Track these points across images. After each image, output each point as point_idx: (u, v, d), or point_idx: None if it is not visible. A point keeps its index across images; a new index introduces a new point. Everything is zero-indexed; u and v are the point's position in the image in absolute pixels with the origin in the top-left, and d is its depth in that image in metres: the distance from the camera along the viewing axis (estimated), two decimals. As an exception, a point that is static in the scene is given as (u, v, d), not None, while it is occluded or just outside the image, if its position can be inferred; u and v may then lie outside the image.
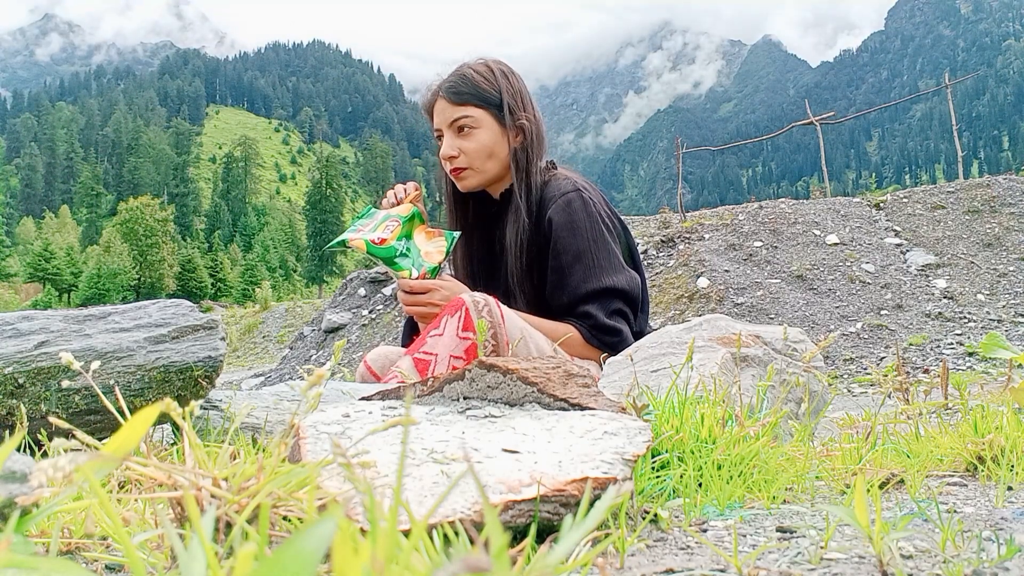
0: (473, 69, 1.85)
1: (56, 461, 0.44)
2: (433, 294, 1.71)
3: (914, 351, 6.35)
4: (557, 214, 1.76)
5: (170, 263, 63.49)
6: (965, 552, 0.63)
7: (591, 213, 1.77)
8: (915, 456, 1.10)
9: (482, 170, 1.84)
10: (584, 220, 1.76)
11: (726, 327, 1.52)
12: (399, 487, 0.37)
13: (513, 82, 1.85)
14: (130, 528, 0.61)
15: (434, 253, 1.78)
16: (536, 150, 1.85)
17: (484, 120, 1.81)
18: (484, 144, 1.81)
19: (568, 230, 1.75)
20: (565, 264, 1.75)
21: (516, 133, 1.84)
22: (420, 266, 1.74)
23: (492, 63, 1.88)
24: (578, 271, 1.74)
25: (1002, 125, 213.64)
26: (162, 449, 1.22)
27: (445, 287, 1.73)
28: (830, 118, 14.67)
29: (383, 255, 1.71)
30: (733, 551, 0.60)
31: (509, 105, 1.81)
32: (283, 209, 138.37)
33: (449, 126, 1.83)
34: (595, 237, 1.75)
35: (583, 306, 1.73)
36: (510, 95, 1.82)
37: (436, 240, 1.81)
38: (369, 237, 1.72)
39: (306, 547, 0.29)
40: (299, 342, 11.78)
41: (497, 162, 1.83)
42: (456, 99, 1.81)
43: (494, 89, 1.82)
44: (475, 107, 1.81)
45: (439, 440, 0.73)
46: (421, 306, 1.72)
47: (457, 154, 1.82)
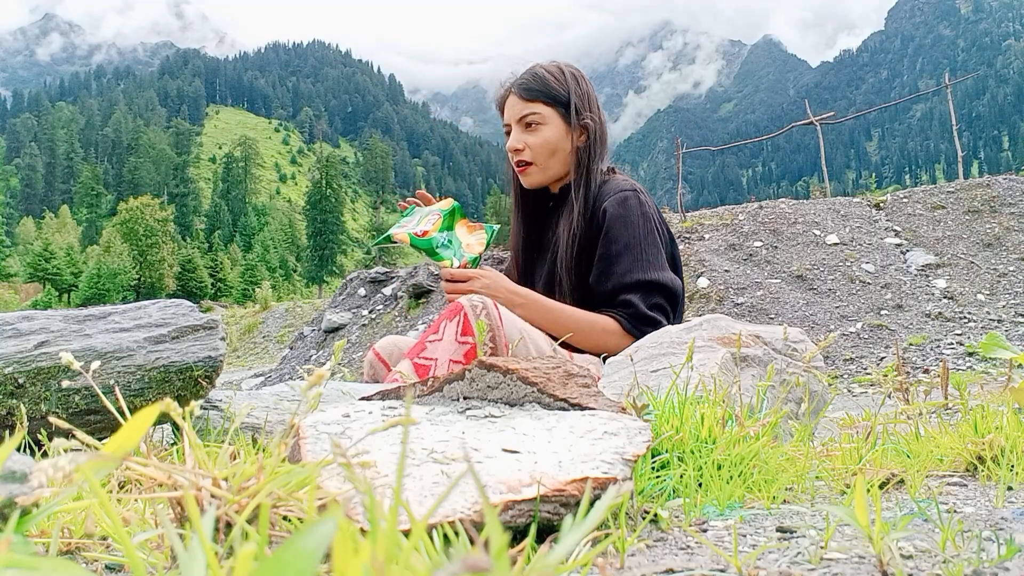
0: (545, 69, 1.93)
1: (56, 461, 0.44)
2: (474, 282, 1.78)
3: (914, 351, 6.35)
4: (612, 206, 1.83)
5: (170, 263, 63.46)
6: (965, 552, 0.63)
7: (645, 213, 1.83)
8: (915, 456, 1.10)
9: (544, 166, 1.91)
10: (637, 217, 1.82)
11: (726, 327, 1.52)
12: (399, 487, 0.37)
13: (581, 84, 1.93)
14: (130, 528, 0.61)
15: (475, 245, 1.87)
16: (598, 150, 1.91)
17: (551, 117, 1.89)
18: (548, 140, 1.89)
19: (620, 222, 1.81)
20: (613, 253, 1.80)
21: (580, 132, 1.91)
22: (461, 256, 1.83)
23: (564, 65, 1.96)
24: (625, 261, 1.79)
25: (1002, 125, 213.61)
26: (162, 449, 1.22)
27: (485, 275, 1.79)
28: (830, 118, 14.67)
29: (425, 246, 1.81)
30: (733, 551, 0.60)
31: (575, 105, 1.89)
32: (283, 209, 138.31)
33: (518, 121, 1.91)
34: (645, 234, 1.81)
35: (626, 295, 1.77)
36: (577, 96, 1.90)
37: (477, 233, 1.90)
38: (412, 230, 1.83)
39: (306, 547, 0.29)
40: (299, 342, 11.78)
41: (559, 159, 1.91)
42: (526, 95, 1.90)
43: (563, 89, 1.89)
44: (543, 104, 1.89)
45: (439, 440, 0.73)
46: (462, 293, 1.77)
47: (522, 147, 1.90)
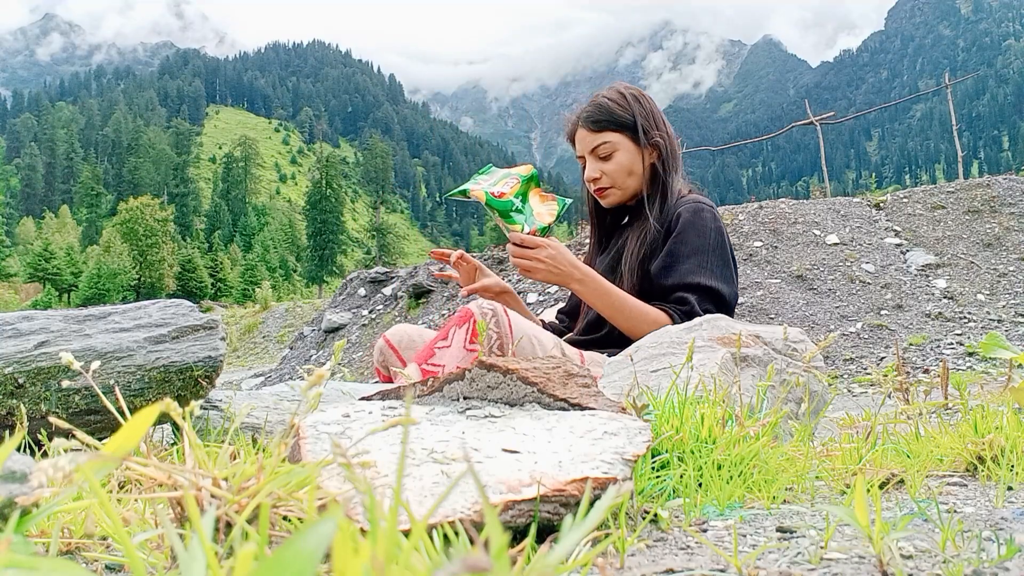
0: (607, 97, 2.00)
1: (56, 461, 0.44)
2: (540, 250, 1.81)
3: (914, 351, 6.35)
4: (687, 213, 1.88)
5: (170, 263, 63.42)
6: (965, 552, 0.63)
7: (718, 227, 1.90)
8: (915, 456, 1.10)
9: (623, 187, 1.98)
10: (710, 228, 1.88)
11: (726, 327, 1.52)
12: (399, 487, 0.37)
13: (644, 104, 2.00)
14: (130, 528, 0.61)
15: (545, 214, 1.89)
16: (671, 163, 1.99)
17: (621, 143, 1.96)
18: (623, 164, 1.96)
19: (693, 228, 1.87)
20: (682, 253, 1.85)
21: (651, 150, 1.98)
22: (532, 224, 1.86)
23: (624, 88, 2.03)
24: (692, 262, 1.83)
25: (1002, 125, 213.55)
26: (162, 449, 1.22)
27: (552, 245, 1.82)
28: (830, 118, 14.67)
29: (500, 207, 1.84)
30: (733, 551, 0.60)
31: (643, 126, 1.96)
32: (283, 209, 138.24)
33: (590, 152, 1.99)
34: (716, 245, 1.86)
35: (684, 293, 1.81)
36: (643, 117, 1.97)
37: (549, 203, 1.93)
38: (490, 190, 1.85)
39: (306, 547, 0.29)
40: (299, 342, 11.77)
41: (636, 178, 1.98)
42: (595, 127, 1.97)
43: (628, 114, 1.97)
44: (612, 132, 1.96)
45: (439, 440, 0.73)
46: (528, 260, 1.81)
47: (600, 176, 1.98)
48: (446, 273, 2.17)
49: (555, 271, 1.81)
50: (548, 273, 1.81)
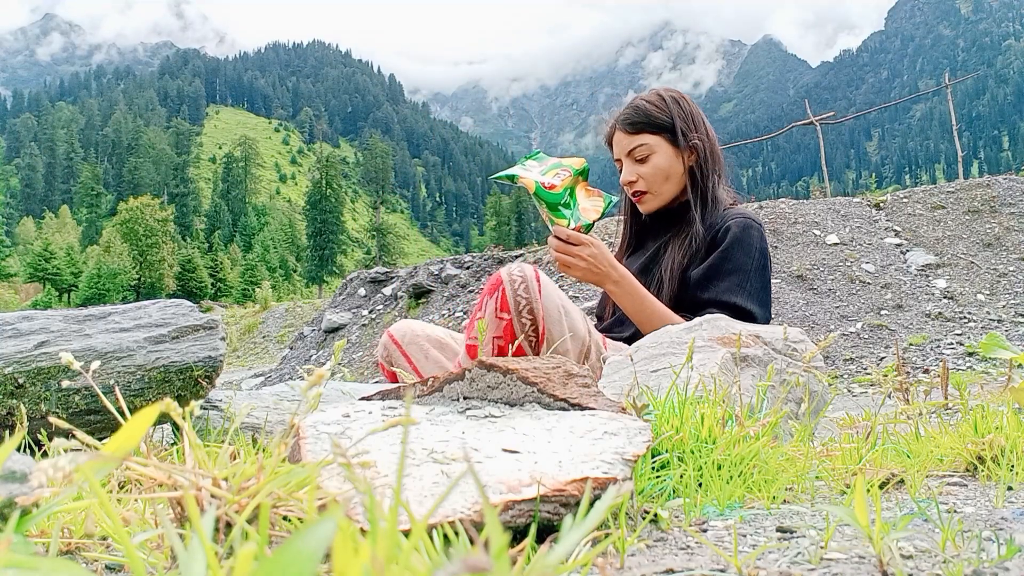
0: (645, 100, 1.97)
1: (56, 461, 0.44)
2: (583, 248, 1.78)
3: (914, 351, 6.35)
4: (736, 228, 1.85)
5: (170, 263, 63.41)
6: (965, 552, 0.63)
7: (764, 248, 1.86)
8: (915, 456, 1.10)
9: (659, 192, 1.95)
10: (755, 248, 1.84)
11: (726, 327, 1.52)
12: (399, 487, 0.37)
13: (684, 106, 1.96)
14: (130, 528, 0.61)
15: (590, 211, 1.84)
16: (711, 165, 1.95)
17: (659, 145, 1.93)
18: (660, 168, 1.93)
19: (740, 245, 1.83)
20: (724, 269, 1.82)
21: (690, 153, 1.94)
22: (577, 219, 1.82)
23: (663, 91, 1.99)
24: (733, 280, 1.80)
25: (1002, 125, 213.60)
26: (162, 449, 1.22)
27: (594, 244, 1.79)
28: (830, 118, 14.67)
29: (550, 200, 1.79)
30: (733, 551, 0.60)
31: (681, 128, 1.92)
32: (283, 209, 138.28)
33: (627, 155, 1.96)
34: (759, 267, 1.84)
35: (717, 310, 1.76)
36: (681, 119, 1.93)
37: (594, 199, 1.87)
38: (540, 180, 1.80)
39: (306, 547, 0.29)
40: (299, 342, 11.77)
41: (674, 182, 1.94)
42: (631, 129, 1.94)
43: (666, 115, 1.93)
44: (649, 134, 1.93)
45: (439, 440, 0.73)
46: (571, 256, 1.78)
47: (636, 179, 1.95)
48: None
49: (595, 270, 1.78)
50: (587, 271, 1.79)
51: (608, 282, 1.79)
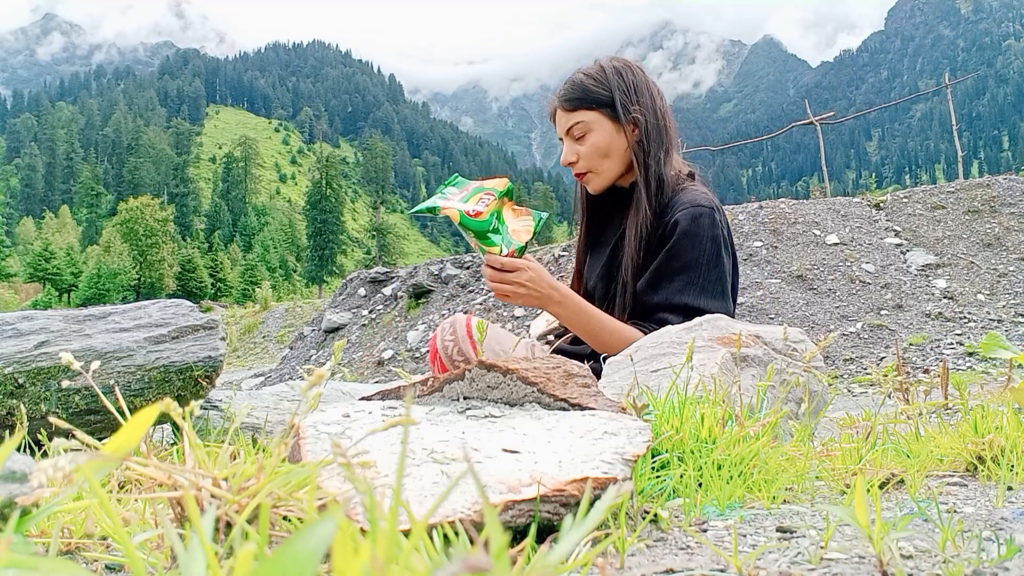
0: (584, 73, 1.87)
1: (56, 461, 0.44)
2: (520, 274, 1.70)
3: (914, 351, 6.35)
4: (684, 220, 1.74)
5: (170, 263, 63.45)
6: (965, 552, 0.63)
7: (715, 235, 1.75)
8: (915, 456, 1.10)
9: (601, 170, 1.85)
10: (707, 239, 1.74)
11: (726, 327, 1.52)
12: (399, 487, 0.37)
13: (626, 77, 1.84)
14: (130, 528, 0.61)
15: (522, 232, 1.76)
16: (656, 140, 1.82)
17: (597, 122, 1.83)
18: (597, 146, 1.83)
19: (689, 239, 1.73)
20: (672, 268, 1.73)
21: (632, 128, 1.83)
22: (509, 244, 1.73)
23: (606, 62, 1.88)
24: (681, 280, 1.72)
25: (1002, 125, 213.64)
26: (162, 449, 1.22)
27: (531, 267, 1.71)
28: (830, 118, 14.68)
29: (477, 228, 1.68)
30: (733, 551, 0.60)
31: (620, 102, 1.81)
32: (283, 209, 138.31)
33: (567, 134, 1.87)
34: (711, 258, 1.73)
35: (667, 314, 1.70)
36: (621, 91, 1.82)
37: (524, 219, 1.79)
38: (464, 208, 1.69)
39: (306, 547, 0.29)
40: (299, 342, 11.77)
41: (615, 160, 1.84)
42: (568, 106, 1.85)
43: (604, 89, 1.82)
44: (586, 110, 1.83)
45: (439, 440, 0.73)
46: (508, 284, 1.70)
47: (575, 159, 1.85)
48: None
49: (535, 294, 1.70)
50: (528, 297, 1.71)
51: (551, 304, 1.72)
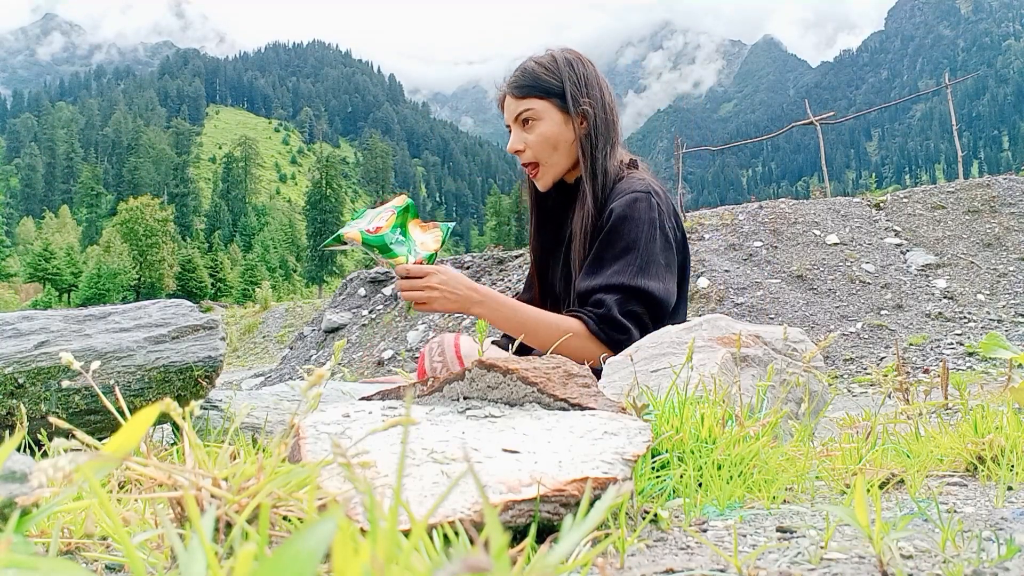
0: (536, 61, 1.84)
1: (56, 461, 0.44)
2: (431, 277, 1.66)
3: (914, 351, 6.35)
4: (620, 207, 1.72)
5: (170, 263, 63.47)
6: (965, 552, 0.63)
7: (652, 218, 1.71)
8: (915, 456, 1.10)
9: (549, 163, 1.82)
10: (643, 222, 1.70)
11: (726, 327, 1.52)
12: (399, 487, 0.37)
13: (578, 68, 1.81)
14: (130, 528, 0.61)
15: (430, 242, 1.76)
16: (604, 134, 1.80)
17: (545, 111, 1.79)
18: (545, 136, 1.80)
19: (625, 224, 1.70)
20: (609, 255, 1.70)
21: (581, 120, 1.80)
22: (416, 254, 1.72)
23: (558, 52, 1.85)
24: (617, 264, 1.68)
25: (1002, 125, 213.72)
26: (162, 449, 1.22)
27: (441, 271, 1.68)
28: (830, 118, 14.68)
29: (378, 243, 1.69)
30: (733, 551, 0.60)
31: (571, 93, 1.78)
32: (283, 209, 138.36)
33: (515, 121, 1.83)
34: (649, 240, 1.70)
35: (603, 295, 1.66)
36: (572, 82, 1.79)
37: (432, 231, 1.79)
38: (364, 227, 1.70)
39: (306, 547, 0.29)
40: (299, 342, 11.77)
41: (563, 153, 1.82)
42: (518, 93, 1.82)
43: (555, 78, 1.79)
44: (536, 99, 1.80)
45: (439, 440, 0.73)
46: (419, 290, 1.67)
47: (523, 148, 1.82)
48: None
49: (452, 296, 1.66)
50: (445, 300, 1.66)
51: (472, 305, 1.67)
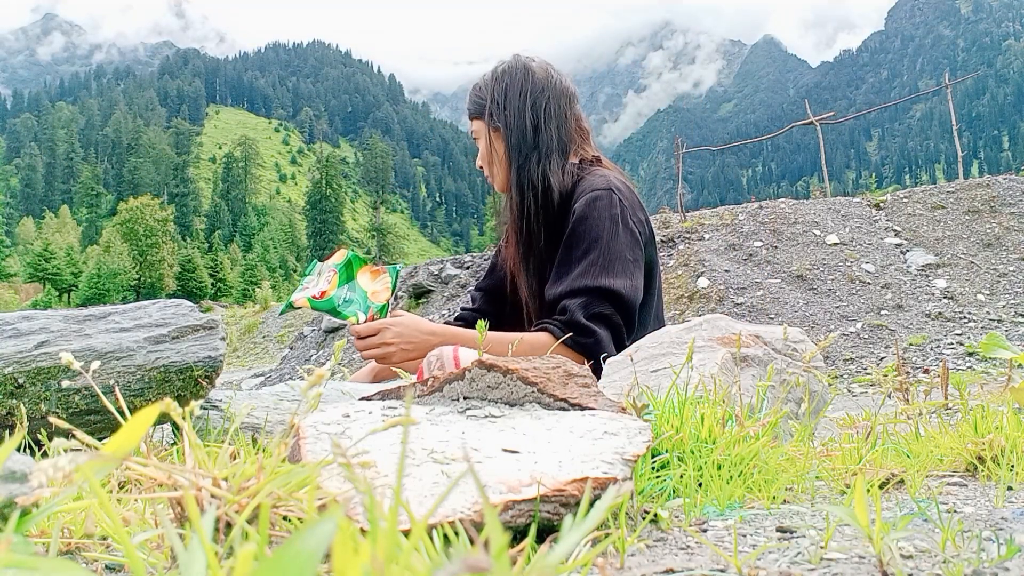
0: (479, 82, 1.88)
1: (56, 461, 0.44)
2: (384, 333, 1.68)
3: (914, 351, 6.35)
4: (580, 207, 1.71)
5: (170, 263, 63.52)
6: (965, 552, 0.63)
7: (613, 215, 1.70)
8: (915, 456, 1.10)
9: (492, 177, 1.88)
10: (604, 220, 1.69)
11: (726, 327, 1.52)
12: (399, 487, 0.37)
13: (503, 82, 1.81)
14: (130, 528, 0.61)
15: (381, 291, 1.77)
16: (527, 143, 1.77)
17: (481, 130, 1.85)
18: (482, 153, 1.87)
19: (585, 224, 1.69)
20: (573, 258, 1.69)
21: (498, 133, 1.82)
22: (368, 308, 1.73)
23: (500, 66, 1.85)
24: (580, 267, 1.67)
25: (1002, 125, 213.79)
26: (162, 449, 1.22)
27: (395, 323, 1.69)
28: (830, 118, 14.68)
29: (326, 308, 1.71)
30: (733, 551, 0.60)
31: (489, 109, 1.81)
32: (283, 209, 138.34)
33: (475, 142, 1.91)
34: (609, 238, 1.68)
35: (568, 300, 1.65)
36: (491, 99, 1.80)
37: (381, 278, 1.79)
38: (311, 293, 1.72)
39: (306, 547, 0.29)
40: (299, 342, 11.77)
41: (499, 166, 1.84)
42: (469, 114, 1.89)
43: (481, 98, 1.83)
44: (475, 119, 1.86)
45: (439, 440, 0.73)
46: (378, 347, 1.68)
47: (479, 164, 1.90)
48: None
49: (408, 347, 1.66)
50: (403, 352, 1.66)
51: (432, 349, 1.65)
